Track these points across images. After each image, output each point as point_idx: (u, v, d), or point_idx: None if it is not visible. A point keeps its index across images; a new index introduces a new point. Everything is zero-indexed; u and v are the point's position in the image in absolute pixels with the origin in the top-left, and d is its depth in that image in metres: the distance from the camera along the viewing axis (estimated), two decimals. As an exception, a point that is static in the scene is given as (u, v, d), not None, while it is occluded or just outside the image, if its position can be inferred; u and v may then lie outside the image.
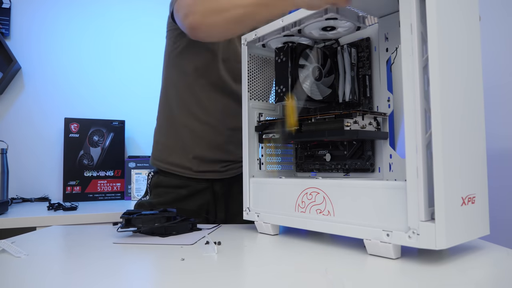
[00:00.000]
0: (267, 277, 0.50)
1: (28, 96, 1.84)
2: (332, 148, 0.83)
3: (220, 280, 0.49)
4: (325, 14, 0.69)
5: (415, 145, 0.53)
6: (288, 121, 0.73)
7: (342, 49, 0.80)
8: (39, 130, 1.84)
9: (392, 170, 0.73)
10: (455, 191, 0.53)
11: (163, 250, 0.66)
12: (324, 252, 0.63)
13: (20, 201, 1.69)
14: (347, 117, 0.67)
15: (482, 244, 0.65)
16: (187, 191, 1.03)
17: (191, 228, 0.82)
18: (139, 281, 0.53)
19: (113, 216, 1.36)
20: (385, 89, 0.75)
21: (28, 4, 1.85)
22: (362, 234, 0.60)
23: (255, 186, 0.82)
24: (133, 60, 2.03)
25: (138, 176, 1.79)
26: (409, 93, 0.54)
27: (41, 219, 1.28)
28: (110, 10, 2.02)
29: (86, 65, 1.96)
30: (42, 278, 0.51)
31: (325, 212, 0.66)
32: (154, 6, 2.09)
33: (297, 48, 0.78)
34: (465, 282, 0.47)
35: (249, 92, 0.86)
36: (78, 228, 0.89)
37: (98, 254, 0.64)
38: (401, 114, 0.74)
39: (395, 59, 0.74)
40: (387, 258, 0.57)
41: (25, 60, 1.82)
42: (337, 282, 0.47)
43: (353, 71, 0.80)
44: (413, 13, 0.54)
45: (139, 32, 2.05)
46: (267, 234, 0.78)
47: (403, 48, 0.55)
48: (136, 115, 1.99)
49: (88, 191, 1.80)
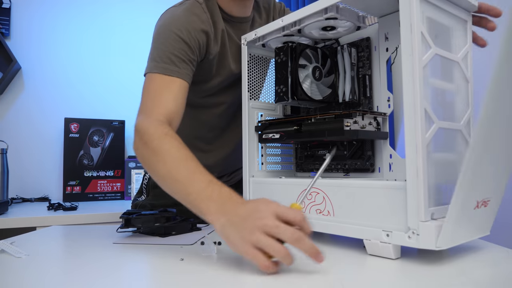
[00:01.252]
0: (266, 277, 0.50)
1: (28, 96, 1.84)
2: (332, 148, 0.82)
3: (220, 280, 0.49)
4: (325, 14, 0.69)
5: (415, 145, 0.53)
6: None
7: (342, 49, 0.80)
8: (39, 130, 1.84)
9: (392, 170, 0.72)
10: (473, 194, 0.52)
11: (163, 250, 0.66)
12: (324, 252, 0.63)
13: (20, 201, 1.69)
14: (347, 117, 0.67)
15: (482, 244, 0.65)
16: None
17: (191, 228, 0.82)
18: (139, 281, 0.53)
19: (113, 216, 1.36)
20: (385, 89, 0.75)
21: (28, 4, 1.85)
22: (362, 234, 0.60)
23: (255, 186, 0.82)
24: (133, 60, 2.03)
25: (138, 176, 1.79)
26: (409, 93, 0.54)
27: (41, 219, 1.28)
28: (110, 10, 2.02)
29: (86, 65, 1.96)
30: (43, 278, 0.51)
31: (325, 212, 0.66)
32: (154, 6, 2.08)
33: (297, 48, 0.78)
34: (465, 282, 0.47)
35: (249, 92, 0.86)
36: (78, 228, 0.88)
37: (98, 254, 0.64)
38: (401, 114, 0.74)
39: (395, 59, 0.74)
40: (387, 258, 0.57)
41: (25, 60, 1.82)
42: (337, 282, 0.47)
43: (353, 71, 0.80)
44: (413, 13, 0.54)
45: (139, 32, 2.05)
46: (267, 234, 0.78)
47: (403, 48, 0.55)
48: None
49: (88, 191, 1.80)
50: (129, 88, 2.00)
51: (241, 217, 0.53)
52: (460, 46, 0.64)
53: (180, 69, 0.81)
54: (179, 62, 0.81)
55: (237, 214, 0.53)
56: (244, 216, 0.52)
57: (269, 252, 0.49)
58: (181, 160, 0.65)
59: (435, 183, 0.55)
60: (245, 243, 0.51)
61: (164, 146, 0.67)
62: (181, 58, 0.81)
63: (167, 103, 0.78)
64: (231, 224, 0.53)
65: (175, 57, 0.81)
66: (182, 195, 0.62)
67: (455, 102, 0.63)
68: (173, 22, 0.84)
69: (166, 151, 0.67)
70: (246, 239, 0.50)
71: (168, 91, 0.79)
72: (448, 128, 0.60)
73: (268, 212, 0.51)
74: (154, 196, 1.04)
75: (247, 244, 0.50)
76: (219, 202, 0.56)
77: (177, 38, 0.82)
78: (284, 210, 0.51)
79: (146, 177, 1.08)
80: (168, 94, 0.79)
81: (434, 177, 0.55)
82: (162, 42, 0.82)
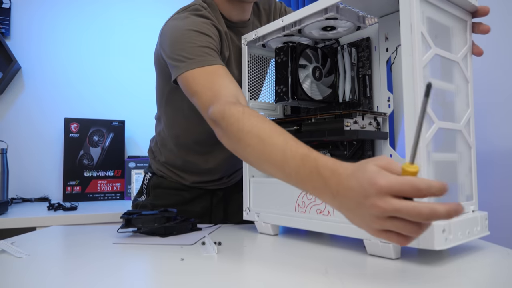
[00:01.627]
0: (267, 277, 0.50)
1: (28, 96, 1.84)
2: (332, 148, 0.83)
3: (220, 280, 0.49)
4: (325, 14, 0.69)
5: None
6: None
7: (342, 49, 0.80)
8: (39, 130, 1.84)
9: (392, 170, 0.72)
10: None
11: (163, 250, 0.66)
12: (324, 252, 0.63)
13: (20, 201, 1.69)
14: (347, 117, 0.67)
15: (482, 244, 0.65)
16: (190, 194, 1.03)
17: (191, 228, 0.82)
18: (139, 281, 0.53)
19: (113, 216, 1.36)
20: (385, 89, 0.75)
21: (28, 4, 1.85)
22: (362, 234, 0.60)
23: (255, 186, 0.82)
24: (133, 60, 2.02)
25: (138, 176, 1.79)
26: (409, 93, 0.54)
27: (41, 219, 1.28)
28: (110, 10, 2.02)
29: (86, 65, 1.95)
30: (44, 278, 0.51)
31: (325, 212, 0.66)
32: (154, 6, 2.09)
33: (297, 48, 0.78)
34: (465, 282, 0.47)
35: (249, 92, 0.86)
36: (78, 228, 0.88)
37: (99, 254, 0.64)
38: (401, 114, 0.74)
39: (395, 59, 0.74)
40: (387, 258, 0.57)
41: (25, 60, 1.82)
42: (337, 282, 0.47)
43: (353, 71, 0.80)
44: (413, 13, 0.54)
45: (139, 32, 2.05)
46: (267, 234, 0.78)
47: (403, 48, 0.55)
48: (136, 115, 1.99)
49: (88, 191, 1.80)
50: (129, 88, 2.00)
51: (354, 203, 0.45)
52: (460, 46, 0.64)
53: (216, 58, 0.78)
54: (212, 52, 0.78)
55: (347, 198, 0.45)
56: (356, 202, 0.44)
57: (400, 230, 0.42)
58: (267, 139, 0.58)
59: (435, 183, 0.55)
60: (371, 230, 0.44)
61: (246, 128, 0.61)
62: (211, 49, 0.79)
63: (227, 86, 0.73)
64: (347, 210, 0.47)
65: (207, 49, 0.78)
66: (282, 177, 0.55)
67: (455, 102, 0.63)
68: (185, 24, 0.81)
69: (248, 133, 0.61)
70: (371, 227, 0.44)
71: (219, 77, 0.75)
72: (448, 128, 0.60)
73: (378, 196, 0.41)
74: (154, 196, 1.04)
75: (373, 231, 0.44)
76: (321, 182, 0.48)
77: (198, 34, 0.79)
78: (396, 184, 0.41)
79: (146, 178, 1.08)
80: (221, 79, 0.74)
81: (434, 177, 0.55)
82: (185, 41, 0.78)
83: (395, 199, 0.41)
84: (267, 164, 0.58)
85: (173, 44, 0.80)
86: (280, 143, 0.56)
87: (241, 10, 0.92)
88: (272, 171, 0.57)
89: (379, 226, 0.43)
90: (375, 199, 0.41)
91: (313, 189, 0.50)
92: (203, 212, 1.04)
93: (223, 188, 1.07)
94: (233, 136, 0.64)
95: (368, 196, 0.42)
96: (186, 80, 0.77)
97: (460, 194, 0.61)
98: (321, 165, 0.49)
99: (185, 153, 1.01)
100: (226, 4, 0.90)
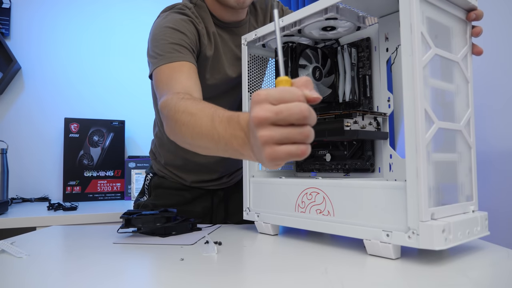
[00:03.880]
0: (267, 277, 0.50)
1: (28, 96, 1.84)
2: (332, 148, 0.83)
3: (220, 280, 0.49)
4: (325, 14, 0.69)
5: (415, 145, 0.53)
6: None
7: (342, 49, 0.80)
8: (39, 130, 1.84)
9: (392, 170, 0.73)
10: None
11: (163, 250, 0.66)
12: (324, 252, 0.63)
13: (20, 201, 1.69)
14: (347, 117, 0.67)
15: (482, 244, 0.65)
16: (191, 194, 1.03)
17: (191, 228, 0.82)
18: (139, 281, 0.53)
19: (113, 216, 1.36)
20: (385, 89, 0.75)
21: (28, 4, 1.85)
22: (362, 234, 0.60)
23: (255, 186, 0.82)
24: (133, 60, 2.02)
25: (138, 176, 1.79)
26: (409, 93, 0.54)
27: (41, 219, 1.28)
28: (110, 10, 2.02)
29: (86, 65, 1.95)
30: (44, 278, 0.51)
31: (325, 212, 0.66)
32: (154, 6, 2.08)
33: (297, 48, 0.78)
34: (465, 282, 0.47)
35: (249, 92, 0.86)
36: (78, 228, 0.88)
37: (99, 254, 0.64)
38: (401, 114, 0.74)
39: (395, 59, 0.74)
40: (387, 258, 0.57)
41: (25, 60, 1.82)
42: (337, 282, 0.47)
43: (353, 71, 0.80)
44: (413, 13, 0.54)
45: (139, 32, 2.05)
46: (267, 234, 0.78)
47: (403, 48, 0.55)
48: (136, 115, 1.99)
49: (88, 191, 1.80)
50: (129, 88, 2.00)
51: (252, 138, 0.45)
52: (460, 46, 0.64)
53: (185, 54, 0.80)
54: (181, 49, 0.81)
55: (249, 137, 0.46)
56: (252, 135, 0.45)
57: (290, 139, 0.41)
58: (198, 113, 0.59)
59: (435, 183, 0.55)
60: (262, 152, 0.43)
61: (180, 108, 0.63)
62: (182, 46, 0.81)
63: (182, 81, 0.75)
64: (252, 151, 0.47)
65: (177, 46, 0.80)
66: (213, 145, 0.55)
67: (455, 102, 0.63)
68: (165, 21, 0.84)
69: (182, 113, 0.62)
70: (260, 148, 0.43)
71: (179, 73, 0.77)
72: (448, 129, 0.60)
73: (260, 106, 0.42)
74: (155, 196, 1.04)
75: (263, 151, 0.42)
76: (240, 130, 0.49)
77: (172, 31, 0.82)
78: (271, 91, 0.42)
79: (147, 178, 1.09)
80: (180, 75, 0.77)
81: (434, 177, 0.55)
82: (160, 39, 0.82)
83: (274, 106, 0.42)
84: (199, 137, 0.57)
85: (151, 41, 0.85)
86: (209, 113, 0.56)
87: (233, 12, 0.93)
88: (205, 143, 0.57)
89: (271, 150, 0.41)
90: (256, 109, 0.42)
91: (238, 145, 0.50)
92: (204, 212, 1.04)
93: (224, 188, 1.08)
94: (171, 122, 0.64)
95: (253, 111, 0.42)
96: (154, 76, 0.80)
97: (460, 194, 0.61)
98: (242, 118, 0.49)
99: (183, 151, 1.01)
100: (217, 6, 0.91)
